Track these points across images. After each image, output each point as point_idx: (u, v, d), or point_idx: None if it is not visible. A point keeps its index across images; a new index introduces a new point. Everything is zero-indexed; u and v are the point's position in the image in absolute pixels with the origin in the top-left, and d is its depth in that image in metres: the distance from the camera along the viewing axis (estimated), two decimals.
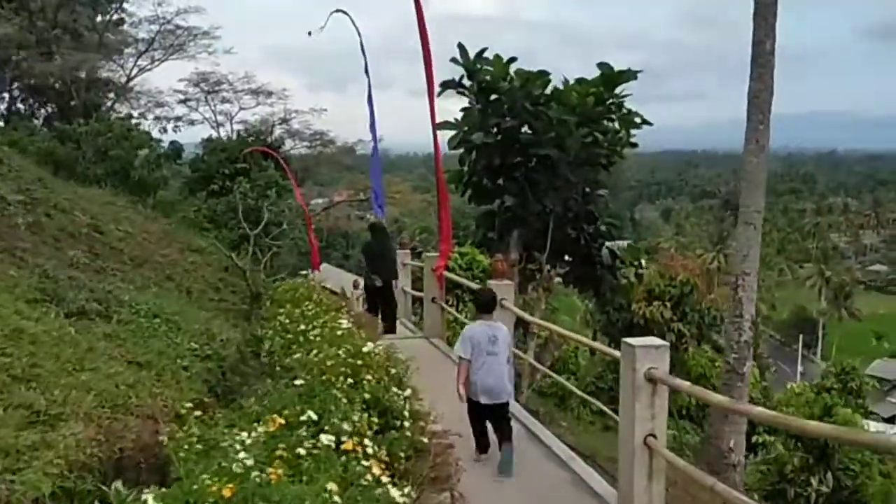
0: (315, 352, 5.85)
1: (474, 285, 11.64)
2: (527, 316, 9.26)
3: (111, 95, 33.06)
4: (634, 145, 10.67)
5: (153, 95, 35.59)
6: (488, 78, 10.42)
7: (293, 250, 28.04)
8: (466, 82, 10.75)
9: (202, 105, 36.17)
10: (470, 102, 10.89)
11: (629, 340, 5.86)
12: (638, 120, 10.48)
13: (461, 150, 11.14)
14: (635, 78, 10.41)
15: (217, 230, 24.51)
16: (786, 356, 44.27)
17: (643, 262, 11.77)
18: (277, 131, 36.43)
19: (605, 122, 10.55)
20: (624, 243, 11.64)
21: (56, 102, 30.78)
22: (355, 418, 4.26)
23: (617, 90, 10.45)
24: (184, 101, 35.78)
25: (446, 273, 11.98)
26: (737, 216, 9.95)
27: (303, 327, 7.39)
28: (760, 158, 9.55)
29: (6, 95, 30.16)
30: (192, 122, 36.30)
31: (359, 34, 12.40)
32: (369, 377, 5.11)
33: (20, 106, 31.17)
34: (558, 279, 11.35)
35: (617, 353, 6.16)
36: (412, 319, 14.63)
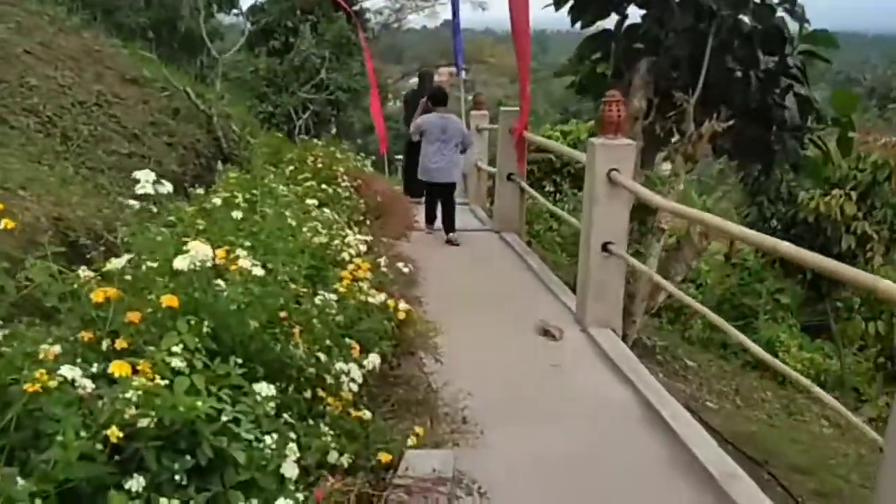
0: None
1: (573, 151, 7.57)
2: (655, 197, 5.23)
3: None
4: None
5: None
6: None
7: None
8: None
9: None
10: None
11: None
12: None
13: None
14: None
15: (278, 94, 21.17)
16: None
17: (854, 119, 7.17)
18: None
19: None
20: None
21: None
22: None
23: None
24: None
25: (528, 135, 7.92)
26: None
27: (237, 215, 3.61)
28: None
29: None
30: None
31: None
32: None
33: None
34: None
35: None
36: (485, 206, 10.81)
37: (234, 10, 23.13)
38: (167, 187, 2.41)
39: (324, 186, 5.12)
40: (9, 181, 3.76)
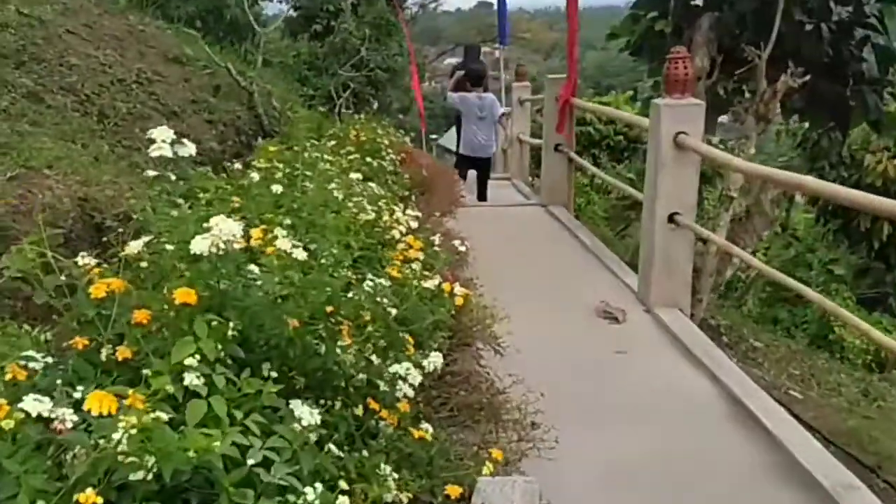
0: None
1: (632, 115, 7.04)
2: (734, 159, 4.74)
3: None
4: None
5: None
6: None
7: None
8: None
9: None
10: None
11: None
12: None
13: None
14: None
15: (318, 76, 20.94)
16: None
17: None
18: None
19: None
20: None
21: None
22: None
23: None
24: None
25: (577, 101, 7.39)
26: None
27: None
28: None
29: None
30: None
31: None
32: None
33: None
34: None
35: None
36: (527, 180, 10.35)
37: None
38: (190, 148, 1.98)
39: (368, 160, 4.75)
40: (33, 160, 3.49)
